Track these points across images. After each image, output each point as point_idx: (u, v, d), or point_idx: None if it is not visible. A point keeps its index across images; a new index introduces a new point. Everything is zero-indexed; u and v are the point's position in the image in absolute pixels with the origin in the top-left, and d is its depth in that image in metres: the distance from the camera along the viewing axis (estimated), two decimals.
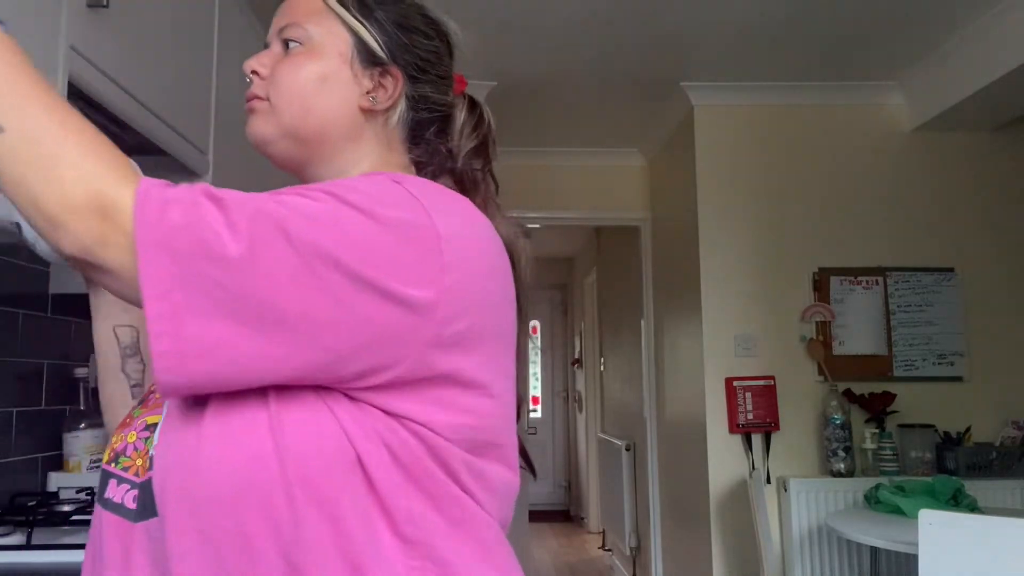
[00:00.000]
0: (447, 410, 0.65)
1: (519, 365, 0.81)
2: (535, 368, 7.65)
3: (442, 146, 0.87)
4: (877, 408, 3.16)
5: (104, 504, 0.69)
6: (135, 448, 0.70)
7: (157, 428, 0.68)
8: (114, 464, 0.71)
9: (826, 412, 3.11)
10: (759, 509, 2.89)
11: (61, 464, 1.76)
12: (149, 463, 0.66)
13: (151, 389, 0.78)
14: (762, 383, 3.22)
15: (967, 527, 1.93)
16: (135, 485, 0.67)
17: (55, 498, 1.57)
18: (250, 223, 0.58)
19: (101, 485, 0.71)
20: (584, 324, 6.68)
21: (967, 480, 2.75)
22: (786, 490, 3.05)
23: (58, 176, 0.57)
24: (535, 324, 7.68)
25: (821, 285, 3.28)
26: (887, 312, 3.27)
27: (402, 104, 0.84)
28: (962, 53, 2.91)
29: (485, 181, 0.89)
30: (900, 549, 2.24)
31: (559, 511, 7.30)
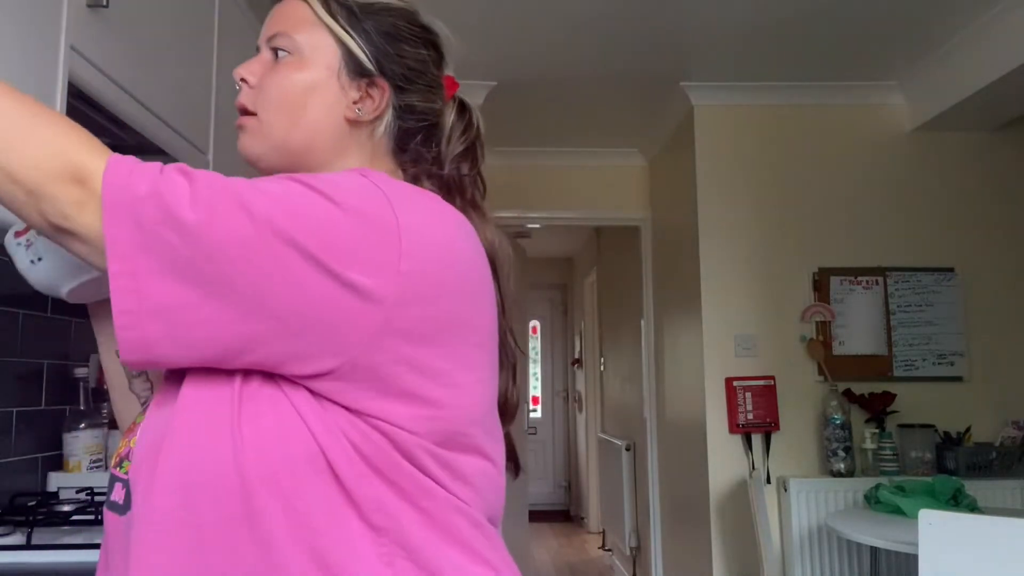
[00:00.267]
0: (407, 402, 0.66)
1: (505, 364, 0.82)
2: (535, 368, 7.65)
3: (428, 153, 0.87)
4: (877, 408, 3.16)
5: (110, 507, 0.72)
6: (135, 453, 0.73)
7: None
8: (119, 468, 0.73)
9: (826, 412, 3.11)
10: (759, 509, 2.90)
11: (61, 464, 1.76)
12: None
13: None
14: (762, 383, 3.22)
15: (967, 527, 1.93)
16: (126, 483, 0.70)
17: (55, 498, 1.57)
18: (211, 194, 0.62)
19: (109, 489, 0.74)
20: (584, 324, 6.68)
21: (967, 480, 2.75)
22: (786, 490, 3.05)
23: (34, 150, 0.61)
24: (535, 324, 7.68)
25: (821, 285, 3.28)
26: (887, 312, 3.27)
27: (389, 114, 0.84)
28: (962, 53, 2.91)
29: (473, 185, 0.89)
30: (900, 549, 2.24)
31: (559, 511, 7.30)
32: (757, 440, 3.20)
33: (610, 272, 5.47)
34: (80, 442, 1.74)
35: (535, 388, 7.65)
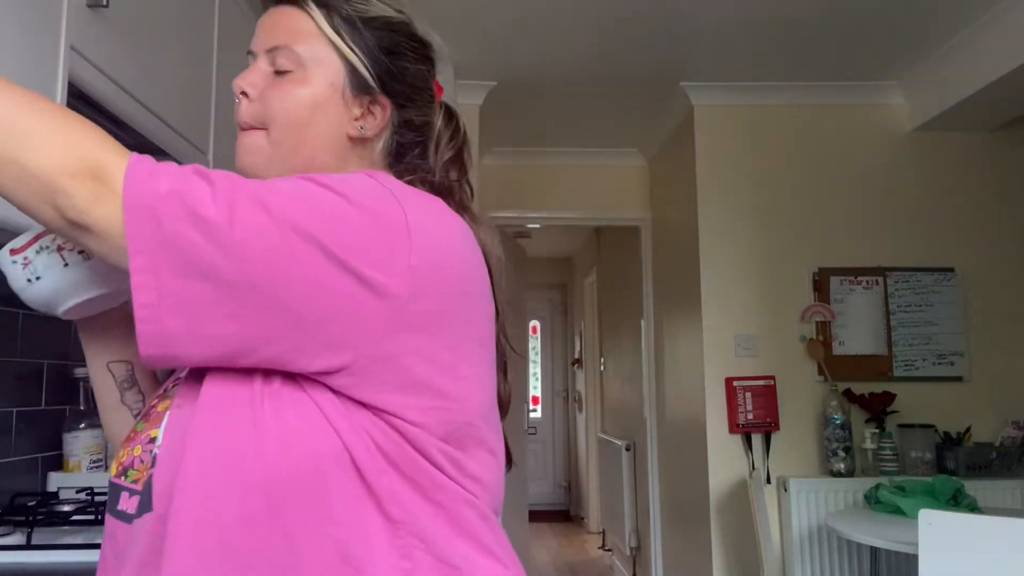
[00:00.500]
0: (419, 394, 0.68)
1: (498, 362, 0.84)
2: (535, 368, 7.65)
3: (424, 164, 0.88)
4: (877, 408, 3.16)
5: (117, 516, 0.72)
6: (141, 461, 0.72)
7: (159, 433, 0.70)
8: (123, 478, 0.73)
9: (826, 412, 3.11)
10: (759, 509, 2.90)
11: (61, 464, 1.76)
12: (152, 461, 0.69)
13: (152, 404, 0.79)
14: (762, 383, 3.22)
15: (967, 527, 1.93)
16: (136, 492, 0.70)
17: (55, 498, 1.57)
18: (231, 192, 0.63)
19: (112, 499, 0.74)
20: (584, 324, 6.68)
21: (967, 480, 2.75)
22: (786, 490, 3.05)
23: (51, 145, 0.61)
24: (535, 324, 7.68)
25: (821, 285, 3.28)
26: (887, 312, 3.27)
27: (388, 130, 0.85)
28: (962, 53, 2.91)
29: (461, 190, 0.90)
30: (900, 549, 2.24)
31: (559, 511, 7.30)
32: (757, 440, 3.20)
33: (610, 272, 5.47)
34: (80, 442, 1.74)
35: (535, 388, 7.64)
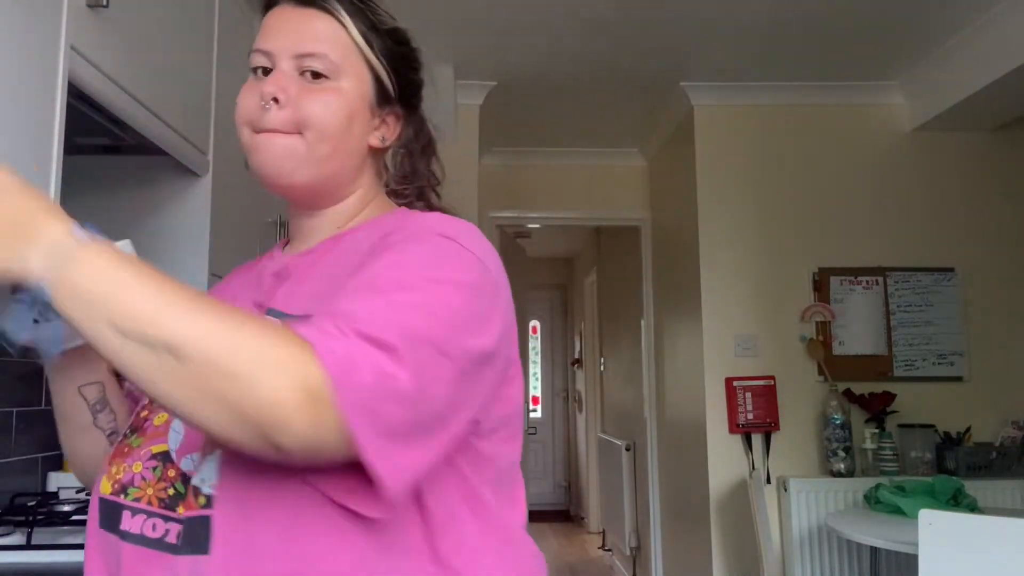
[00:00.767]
0: (512, 440, 0.78)
1: None
2: (535, 368, 7.65)
3: (425, 170, 0.90)
4: (877, 408, 3.16)
5: (122, 536, 0.70)
6: (143, 478, 0.71)
7: (210, 465, 0.68)
8: (123, 495, 0.71)
9: (826, 412, 3.11)
10: (759, 509, 2.89)
11: (61, 464, 1.76)
12: (205, 500, 0.66)
13: (144, 417, 0.77)
14: (762, 383, 3.22)
15: (967, 527, 1.93)
16: (176, 520, 0.68)
17: (55, 498, 1.57)
18: (412, 352, 0.61)
19: (107, 516, 0.72)
20: (584, 324, 6.68)
21: (967, 480, 2.75)
22: (786, 490, 3.05)
23: (257, 380, 0.55)
24: (535, 324, 7.68)
25: (821, 285, 3.28)
26: (887, 312, 3.27)
27: (397, 141, 0.87)
28: (962, 53, 2.91)
29: (436, 196, 0.93)
30: (900, 549, 2.24)
31: (559, 511, 7.30)
32: (757, 440, 3.20)
33: (610, 272, 5.47)
34: None
35: (535, 388, 7.64)
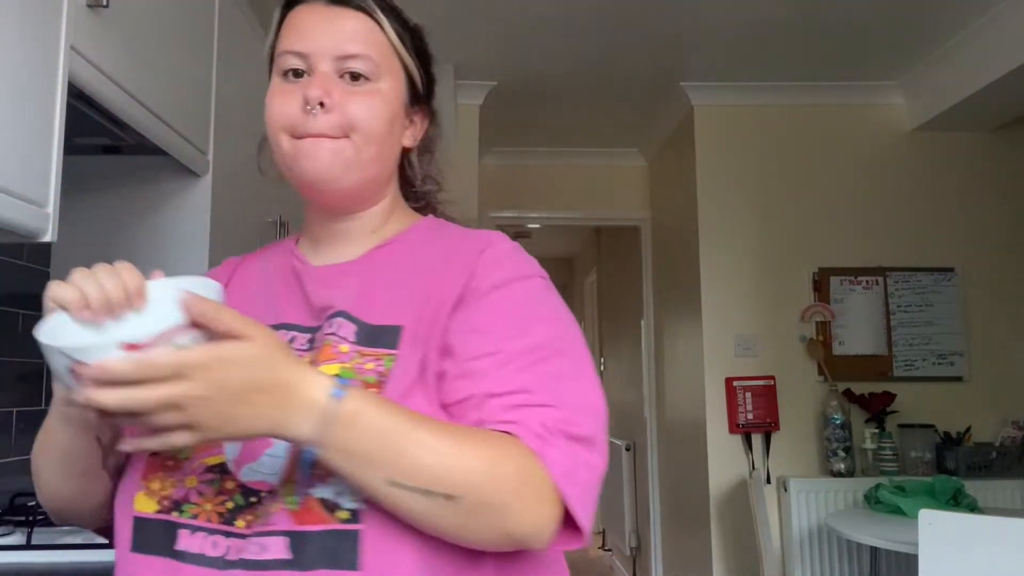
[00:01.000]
0: None
1: None
2: None
3: (433, 171, 0.90)
4: (877, 408, 3.16)
5: (178, 557, 0.66)
6: (200, 493, 0.68)
7: (227, 461, 0.68)
8: (176, 513, 0.68)
9: (826, 412, 3.11)
10: (759, 509, 2.89)
11: None
12: (349, 515, 0.64)
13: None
14: (762, 383, 3.22)
15: (967, 527, 1.93)
16: (238, 536, 0.65)
17: None
18: (601, 435, 0.73)
19: (152, 537, 0.68)
20: (584, 324, 6.68)
21: (967, 480, 2.75)
22: (786, 490, 3.04)
23: (519, 511, 0.63)
24: None
25: (821, 285, 3.28)
26: (887, 312, 3.27)
27: (421, 140, 0.87)
28: (962, 53, 2.91)
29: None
30: (900, 549, 2.24)
31: None
32: (757, 440, 3.20)
33: (610, 272, 5.47)
34: None
35: None
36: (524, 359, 0.69)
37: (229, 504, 0.67)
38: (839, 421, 3.06)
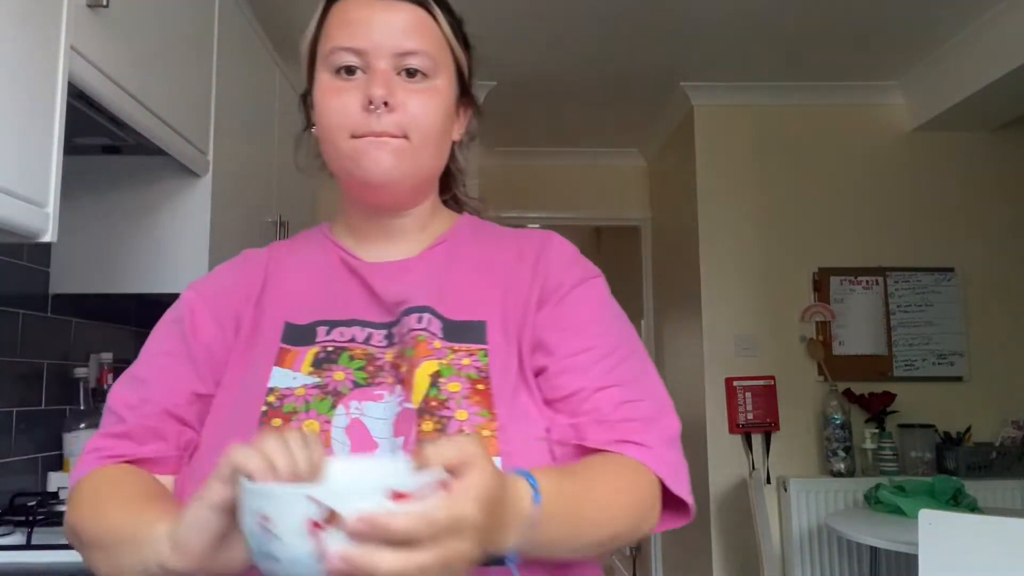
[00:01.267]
0: None
1: None
2: None
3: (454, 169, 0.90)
4: (877, 408, 3.16)
5: None
6: None
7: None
8: None
9: (826, 412, 3.11)
10: (759, 509, 2.89)
11: (61, 464, 1.76)
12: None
13: (280, 429, 0.63)
14: (762, 383, 3.22)
15: (967, 527, 1.92)
16: None
17: (55, 498, 1.57)
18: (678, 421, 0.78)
19: None
20: None
21: (967, 480, 2.75)
22: (786, 490, 3.04)
23: (644, 528, 0.71)
24: None
25: (821, 285, 3.28)
26: (887, 312, 3.27)
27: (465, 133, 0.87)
28: (962, 53, 2.91)
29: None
30: (900, 549, 2.24)
31: None
32: (757, 440, 3.20)
33: (610, 272, 5.44)
34: (80, 442, 1.74)
35: None
36: (615, 355, 0.75)
37: None
38: (839, 421, 3.06)
